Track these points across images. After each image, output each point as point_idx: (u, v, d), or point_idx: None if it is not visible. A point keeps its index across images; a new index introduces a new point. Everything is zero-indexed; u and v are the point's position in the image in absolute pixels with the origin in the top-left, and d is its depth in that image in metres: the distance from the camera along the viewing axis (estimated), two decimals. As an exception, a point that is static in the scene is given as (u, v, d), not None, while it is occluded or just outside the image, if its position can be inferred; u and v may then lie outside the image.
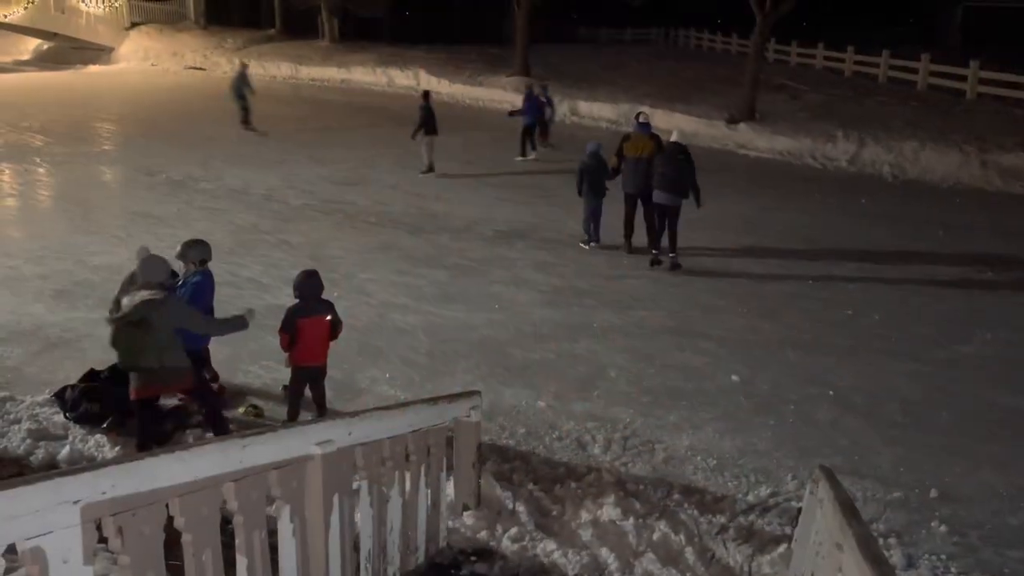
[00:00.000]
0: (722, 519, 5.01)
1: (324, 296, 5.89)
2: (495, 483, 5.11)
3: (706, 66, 27.28)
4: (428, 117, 13.95)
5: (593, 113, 21.72)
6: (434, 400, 4.69)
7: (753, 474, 5.56)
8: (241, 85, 17.59)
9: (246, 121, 17.58)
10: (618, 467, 5.59)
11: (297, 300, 5.71)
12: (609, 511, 4.89)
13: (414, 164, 15.01)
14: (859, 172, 16.25)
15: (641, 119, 10.45)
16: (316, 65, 29.34)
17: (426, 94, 14.79)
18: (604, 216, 10.37)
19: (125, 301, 5.04)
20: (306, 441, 3.34)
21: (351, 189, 13.26)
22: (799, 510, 4.40)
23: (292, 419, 5.79)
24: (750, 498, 5.29)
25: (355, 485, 3.74)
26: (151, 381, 5.08)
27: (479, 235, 10.98)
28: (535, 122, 16.12)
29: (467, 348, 7.43)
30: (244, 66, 18.73)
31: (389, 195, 12.98)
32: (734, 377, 6.97)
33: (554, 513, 4.95)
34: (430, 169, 14.15)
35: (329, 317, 5.76)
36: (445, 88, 25.49)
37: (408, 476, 4.14)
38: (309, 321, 5.64)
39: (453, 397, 4.80)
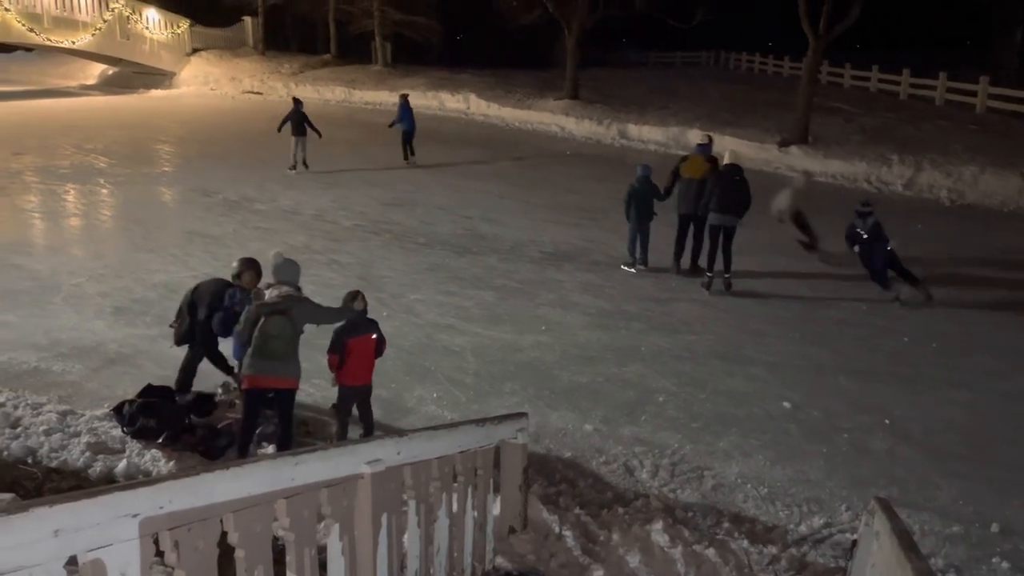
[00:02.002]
0: (773, 550, 4.90)
1: (372, 316, 5.97)
2: (542, 506, 5.08)
3: (757, 89, 27.09)
4: (299, 119, 16.16)
5: (642, 136, 21.70)
6: (481, 421, 4.69)
7: (805, 504, 5.44)
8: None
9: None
10: (666, 493, 5.53)
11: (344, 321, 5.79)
12: (657, 538, 4.83)
13: (465, 186, 15.19)
14: (915, 196, 15.91)
15: (702, 140, 10.64)
16: (369, 89, 29.90)
17: (295, 99, 17.30)
18: (652, 238, 10.34)
19: (270, 293, 5.41)
20: (356, 460, 3.38)
21: (400, 210, 13.43)
22: (854, 542, 4.28)
23: (341, 438, 5.86)
24: (802, 529, 5.17)
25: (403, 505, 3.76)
26: (271, 371, 5.35)
27: (527, 256, 11.01)
28: (413, 128, 17.71)
29: (514, 369, 7.44)
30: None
31: (438, 216, 13.11)
32: (785, 404, 6.85)
33: (601, 538, 4.90)
34: (303, 166, 16.30)
35: (375, 336, 5.83)
36: (495, 111, 25.75)
37: (455, 497, 4.15)
38: (357, 341, 5.73)
39: (500, 419, 4.80)
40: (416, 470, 3.79)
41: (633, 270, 10.36)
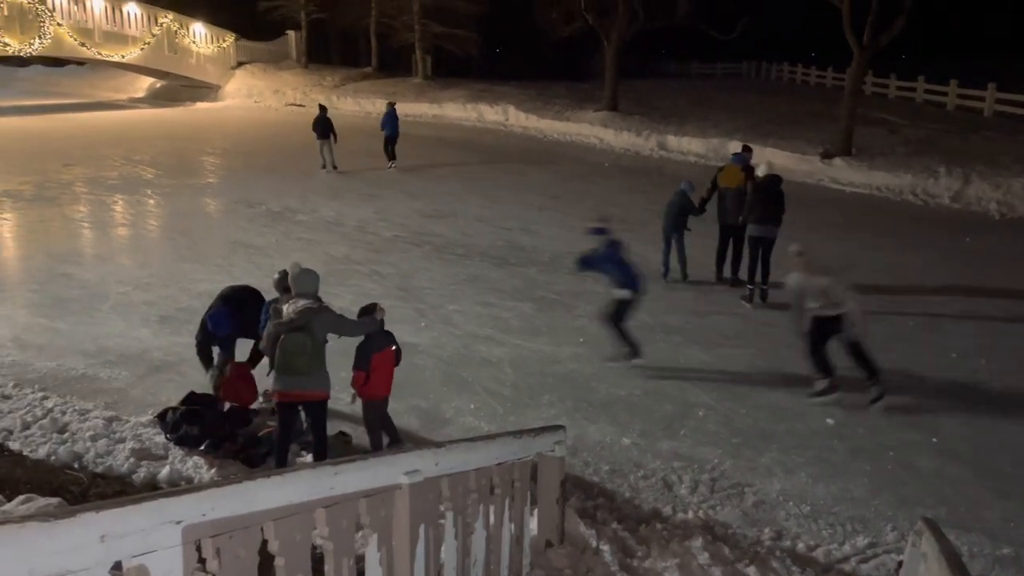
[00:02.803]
0: (816, 570, 4.80)
1: (411, 326, 6.00)
2: (579, 520, 5.04)
3: (799, 100, 26.80)
4: (324, 123, 17.59)
5: (682, 147, 21.57)
6: (519, 434, 4.67)
7: (849, 523, 5.33)
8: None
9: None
10: (706, 509, 5.45)
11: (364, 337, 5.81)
12: (696, 555, 4.76)
13: (504, 198, 15.24)
14: (963, 209, 15.57)
15: (740, 150, 10.63)
16: (409, 101, 30.17)
17: (321, 106, 18.97)
18: (691, 251, 10.30)
19: (287, 309, 5.35)
20: (395, 470, 3.38)
21: (440, 222, 13.51)
22: (899, 563, 4.18)
23: (376, 449, 5.89)
24: (846, 548, 5.06)
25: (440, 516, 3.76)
26: (298, 386, 5.35)
27: (565, 268, 10.95)
28: (396, 133, 18.60)
29: (552, 381, 7.41)
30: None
31: (477, 228, 13.16)
32: (829, 420, 6.72)
33: (639, 554, 4.85)
34: (331, 167, 17.65)
35: (394, 347, 5.89)
36: (533, 123, 25.80)
37: (492, 509, 4.14)
38: (380, 355, 5.77)
39: (538, 431, 4.77)
40: (454, 482, 3.79)
41: (664, 280, 10.33)
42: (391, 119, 18.73)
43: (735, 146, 14.41)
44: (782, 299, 9.49)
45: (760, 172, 9.71)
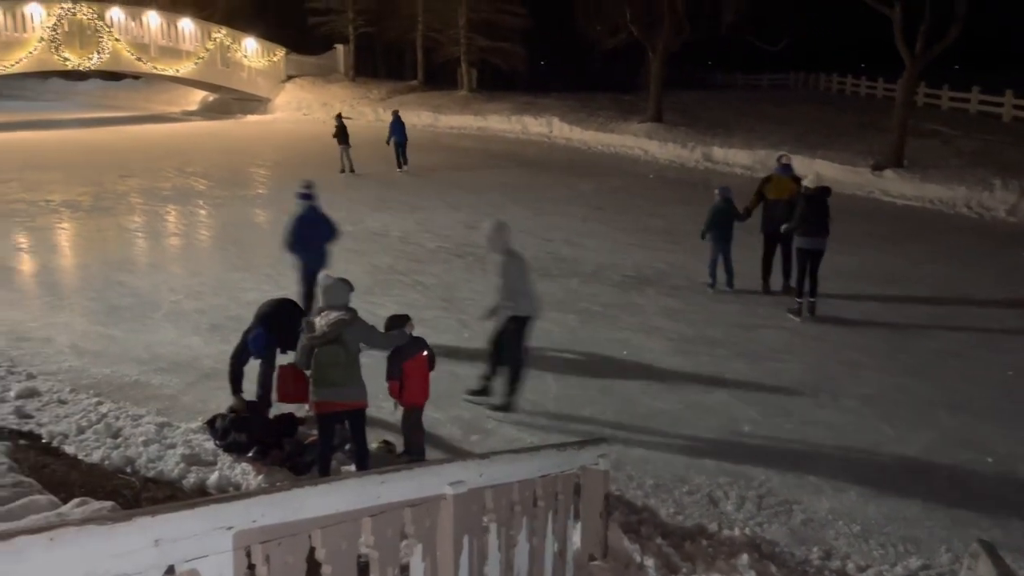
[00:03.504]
0: (866, 590, 4.69)
1: (454, 336, 6.04)
2: (623, 534, 5.00)
3: (848, 111, 26.40)
4: (343, 130, 19.46)
5: (728, 159, 21.38)
6: (563, 446, 4.66)
7: (901, 543, 5.19)
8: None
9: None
10: (753, 526, 5.36)
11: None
12: (743, 573, 4.68)
13: (547, 209, 15.26)
14: (1020, 223, 15.14)
15: (784, 160, 10.46)
16: (454, 114, 30.45)
17: (339, 115, 20.73)
18: (738, 262, 10.18)
19: (319, 322, 5.42)
20: (439, 480, 3.39)
21: (482, 233, 13.54)
22: (954, 587, 4.06)
23: (419, 457, 5.94)
24: (898, 569, 4.93)
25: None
26: (335, 397, 5.42)
27: (608, 280, 10.95)
28: (404, 140, 19.91)
29: (595, 394, 7.38)
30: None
31: (519, 239, 13.05)
32: (880, 438, 6.57)
33: (684, 570, 4.79)
34: (350, 171, 19.17)
35: (426, 353, 5.94)
36: (577, 135, 25.83)
37: (536, 522, 4.12)
38: (412, 363, 5.84)
39: (581, 444, 4.75)
40: (498, 493, 3.79)
41: (711, 291, 10.24)
42: (398, 126, 20.01)
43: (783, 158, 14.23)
44: (830, 312, 9.36)
45: (808, 183, 9.57)
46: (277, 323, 6.41)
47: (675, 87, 29.21)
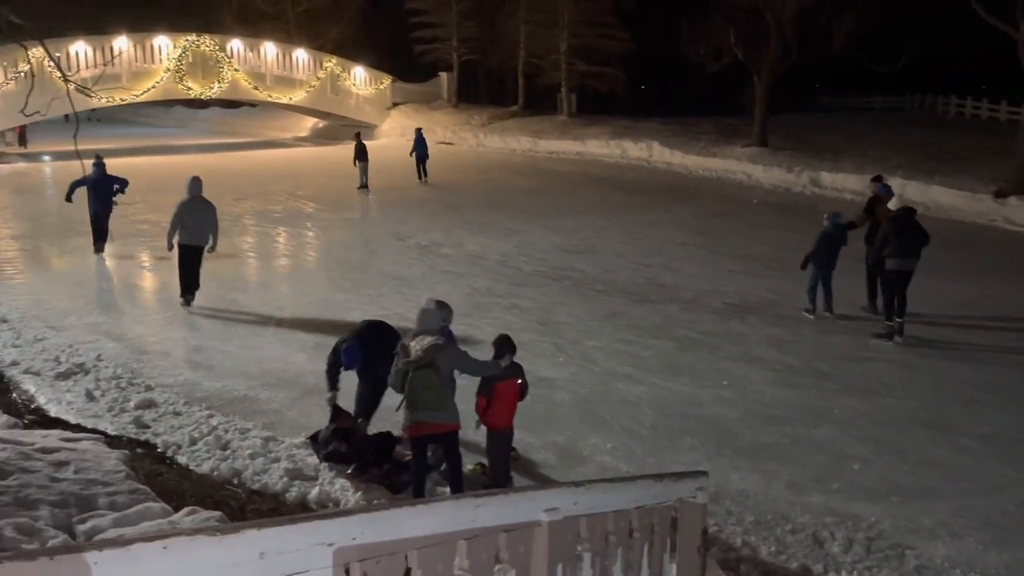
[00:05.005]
0: (987, 646, 4.38)
1: (549, 361, 6.03)
2: (720, 571, 4.84)
3: (968, 135, 25.10)
4: (361, 149, 20.98)
5: (837, 184, 20.69)
6: (659, 477, 4.56)
7: (1026, 598, 4.83)
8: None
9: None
10: (861, 570, 5.10)
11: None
12: (849, 619, 4.45)
13: (645, 234, 15.12)
14: None
15: (886, 181, 10.40)
16: (553, 138, 30.62)
17: (357, 134, 22.23)
18: (839, 290, 10.01)
19: (414, 346, 5.55)
20: (534, 506, 3.37)
21: (580, 257, 13.54)
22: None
23: (503, 478, 5.95)
24: (1023, 626, 4.59)
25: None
26: (428, 419, 5.52)
27: (709, 307, 10.72)
28: (425, 155, 21.82)
29: (693, 424, 7.21)
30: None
31: (617, 264, 13.09)
32: (1002, 481, 6.15)
33: (785, 612, 4.60)
34: (365, 187, 20.69)
35: (520, 380, 5.97)
36: (678, 159, 25.53)
37: (631, 553, 4.04)
38: (504, 384, 5.87)
39: (679, 475, 4.63)
40: (592, 523, 3.73)
41: (812, 316, 9.97)
42: (420, 143, 21.81)
43: (897, 184, 13.75)
44: (946, 345, 8.87)
45: (892, 205, 9.40)
46: (371, 341, 6.57)
47: (781, 110, 28.50)
